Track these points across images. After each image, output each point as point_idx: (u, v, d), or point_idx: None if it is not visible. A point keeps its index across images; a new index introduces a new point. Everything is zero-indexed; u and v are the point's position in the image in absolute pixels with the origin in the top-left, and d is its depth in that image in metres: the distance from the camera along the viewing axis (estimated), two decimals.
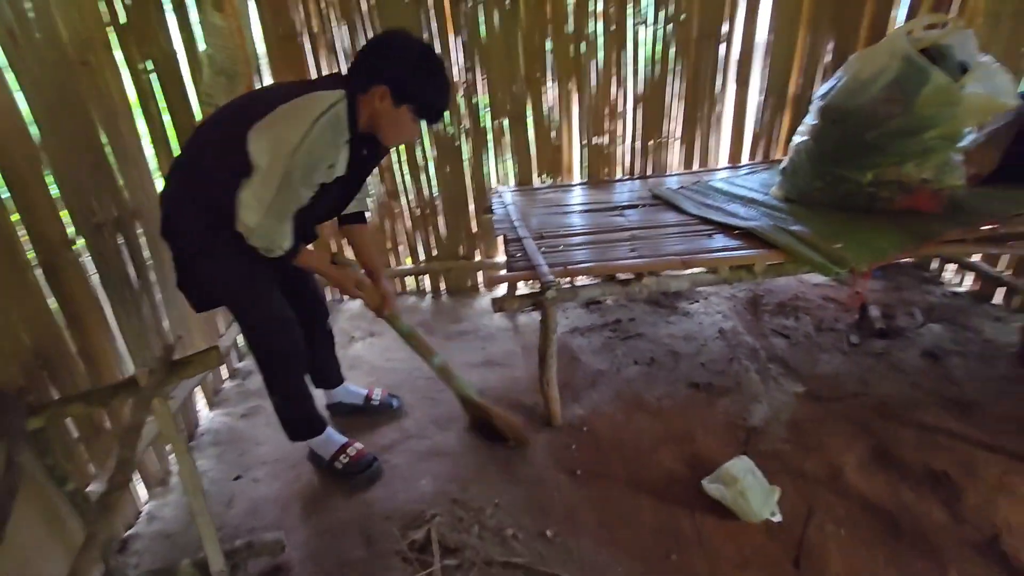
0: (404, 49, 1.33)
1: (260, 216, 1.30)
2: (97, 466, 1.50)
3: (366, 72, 1.34)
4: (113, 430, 1.59)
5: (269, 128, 1.27)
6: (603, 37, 2.52)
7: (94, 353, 1.52)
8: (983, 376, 2.00)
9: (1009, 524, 1.46)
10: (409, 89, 1.33)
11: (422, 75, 1.34)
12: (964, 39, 1.81)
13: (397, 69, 1.32)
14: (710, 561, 1.42)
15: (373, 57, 1.34)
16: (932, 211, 1.87)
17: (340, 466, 1.71)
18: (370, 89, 1.33)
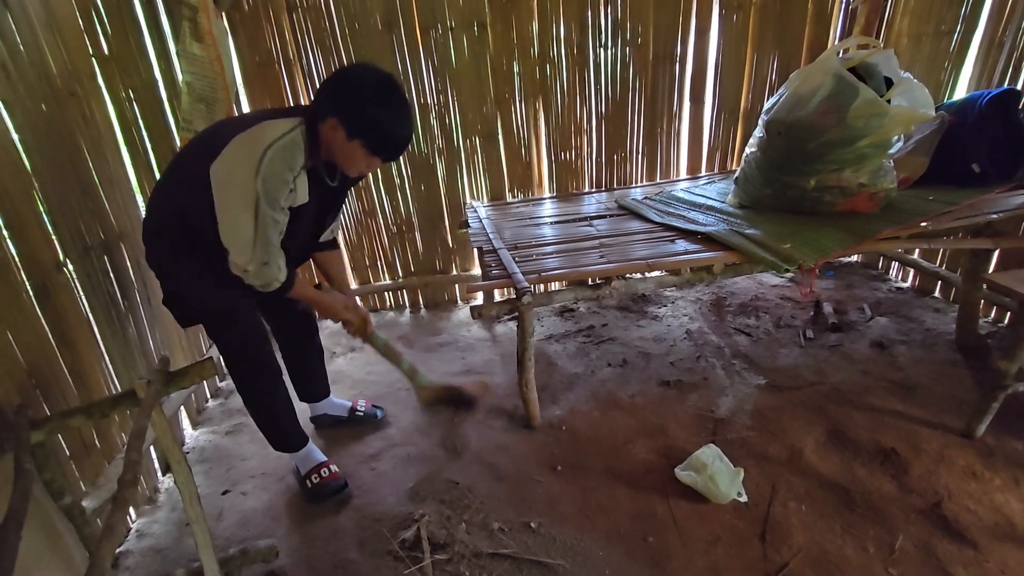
0: (359, 81, 1.30)
1: (249, 254, 1.33)
2: (87, 484, 1.52)
3: (322, 102, 1.34)
4: (102, 449, 1.61)
5: (226, 163, 1.29)
6: (567, 60, 2.69)
7: (84, 372, 1.55)
8: (925, 361, 2.18)
9: (950, 491, 1.60)
10: (360, 122, 1.31)
11: (374, 109, 1.30)
12: (887, 58, 2.02)
13: (349, 102, 1.30)
14: (684, 541, 1.52)
15: (328, 88, 1.34)
16: (869, 212, 2.05)
17: (310, 484, 1.75)
18: (326, 120, 1.33)
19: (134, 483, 0.94)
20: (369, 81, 1.31)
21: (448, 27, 2.53)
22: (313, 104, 1.38)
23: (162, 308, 1.96)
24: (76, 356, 1.52)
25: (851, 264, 3.06)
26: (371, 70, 1.34)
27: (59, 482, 1.25)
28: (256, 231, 1.31)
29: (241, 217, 1.30)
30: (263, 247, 1.34)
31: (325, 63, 2.51)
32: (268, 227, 1.33)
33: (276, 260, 1.40)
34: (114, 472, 1.57)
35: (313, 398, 2.05)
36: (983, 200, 2.04)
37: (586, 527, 1.59)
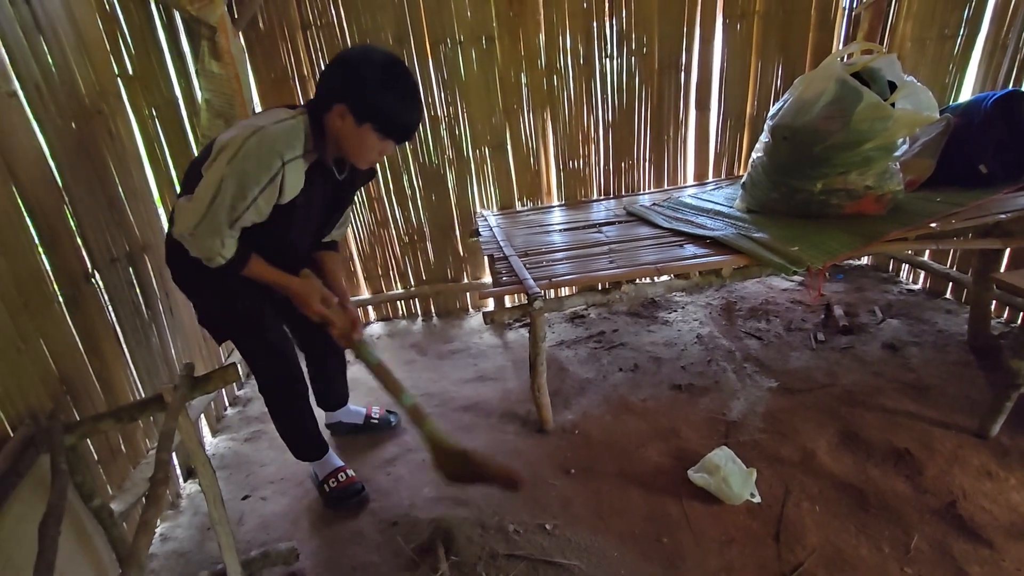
0: (364, 63, 1.24)
1: (191, 225, 1.26)
2: (114, 487, 1.57)
3: (326, 90, 1.27)
4: (128, 453, 1.66)
5: (218, 146, 1.27)
6: (573, 70, 2.74)
7: (110, 379, 1.60)
8: (937, 362, 2.18)
9: (964, 491, 1.60)
10: (369, 105, 1.24)
11: (383, 89, 1.23)
12: (890, 62, 2.05)
13: (356, 85, 1.23)
14: (698, 541, 1.53)
15: (331, 74, 1.27)
16: (877, 214, 2.07)
17: (328, 489, 1.78)
18: (331, 107, 1.26)
19: (165, 481, 0.98)
20: (375, 61, 1.25)
21: (457, 41, 2.59)
22: (316, 95, 1.32)
23: (184, 317, 2.03)
24: (103, 363, 1.57)
25: (861, 267, 3.07)
26: (373, 50, 1.28)
27: (89, 485, 1.29)
28: (208, 207, 1.24)
29: (204, 189, 1.25)
30: (209, 223, 1.26)
31: None
32: (221, 210, 1.25)
33: (221, 237, 1.29)
34: (140, 476, 1.61)
35: (331, 406, 2.08)
36: (991, 201, 2.05)
37: (600, 528, 1.60)
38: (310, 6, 2.47)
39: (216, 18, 2.12)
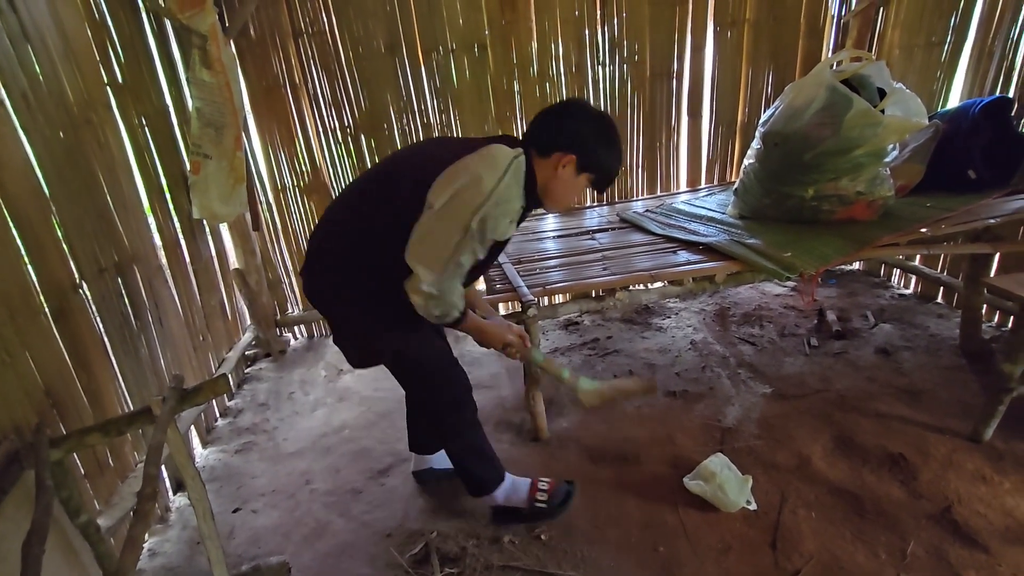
0: (590, 120, 1.33)
1: (434, 282, 1.24)
2: (101, 502, 1.54)
3: (550, 137, 1.31)
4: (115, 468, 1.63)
5: (452, 181, 1.21)
6: (566, 78, 2.75)
7: (98, 391, 1.58)
8: (930, 367, 2.19)
9: (959, 495, 1.60)
10: (596, 159, 1.33)
11: (608, 145, 1.34)
12: (879, 69, 2.07)
13: (585, 139, 1.31)
14: (695, 549, 1.52)
15: (559, 124, 1.32)
16: (868, 219, 2.08)
17: (543, 504, 1.60)
18: (552, 154, 1.31)
19: (154, 496, 0.96)
20: (598, 116, 1.35)
21: (449, 49, 2.60)
22: (532, 138, 1.33)
23: (173, 328, 2.01)
24: (91, 376, 1.55)
25: (853, 272, 3.08)
26: (592, 108, 1.38)
27: (76, 500, 1.26)
28: (453, 253, 1.23)
29: (449, 231, 1.22)
30: (453, 271, 1.26)
31: (330, 86, 2.58)
32: (467, 256, 1.26)
33: (459, 288, 1.31)
34: (128, 490, 1.58)
35: (430, 448, 1.82)
36: (980, 205, 2.07)
37: (596, 538, 1.59)
38: (301, 14, 2.46)
39: (207, 26, 2.11)
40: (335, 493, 1.87)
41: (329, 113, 2.62)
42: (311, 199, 2.75)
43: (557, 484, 1.65)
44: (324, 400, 2.42)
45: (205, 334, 2.31)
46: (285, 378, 2.64)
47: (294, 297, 2.96)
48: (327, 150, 2.68)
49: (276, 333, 2.89)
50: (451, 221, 1.22)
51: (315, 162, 2.70)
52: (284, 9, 2.45)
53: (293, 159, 2.68)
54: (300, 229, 2.81)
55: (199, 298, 2.29)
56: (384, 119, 2.66)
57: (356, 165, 2.72)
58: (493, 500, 1.62)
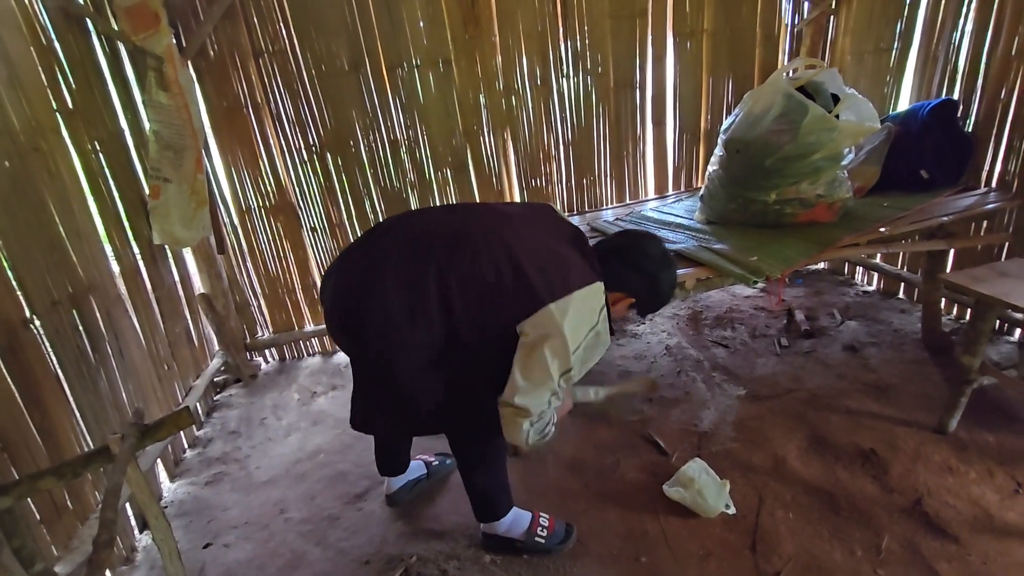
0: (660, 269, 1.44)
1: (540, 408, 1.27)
2: (60, 547, 1.46)
3: (620, 278, 1.40)
4: (75, 510, 1.56)
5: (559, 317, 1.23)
6: (531, 91, 2.77)
7: (53, 430, 1.50)
8: (895, 361, 2.25)
9: (929, 487, 1.64)
10: (649, 303, 1.49)
11: (662, 294, 1.48)
12: (832, 76, 2.13)
13: (644, 287, 1.43)
14: (676, 557, 1.52)
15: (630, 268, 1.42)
16: (829, 221, 2.13)
17: (542, 540, 1.57)
18: (616, 291, 1.41)
19: (110, 544, 0.91)
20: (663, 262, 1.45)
21: (414, 65, 2.59)
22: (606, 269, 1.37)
23: (135, 359, 1.94)
24: (44, 414, 1.48)
25: (819, 272, 3.16)
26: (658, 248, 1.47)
27: (29, 548, 1.20)
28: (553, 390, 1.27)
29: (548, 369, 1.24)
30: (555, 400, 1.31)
31: (293, 105, 2.54)
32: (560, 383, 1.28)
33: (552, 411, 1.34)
34: (88, 533, 1.51)
35: (401, 469, 1.82)
36: (933, 204, 2.15)
37: (578, 552, 1.57)
38: (261, 33, 2.43)
39: (162, 48, 2.07)
40: (311, 521, 1.82)
41: (293, 132, 2.59)
42: (277, 220, 2.70)
43: (557, 523, 1.61)
44: (298, 424, 2.36)
45: (170, 363, 2.23)
46: (257, 404, 2.57)
47: (263, 320, 2.89)
48: (292, 170, 2.64)
49: (246, 357, 2.82)
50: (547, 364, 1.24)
51: (280, 182, 2.65)
52: (243, 28, 2.41)
53: (258, 180, 2.62)
54: (267, 250, 2.75)
55: (163, 326, 2.21)
56: (350, 136, 2.63)
57: (323, 184, 2.68)
58: (494, 529, 1.58)
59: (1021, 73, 2.09)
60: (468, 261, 1.28)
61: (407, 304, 1.27)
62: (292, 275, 2.82)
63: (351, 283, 1.34)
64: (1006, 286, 1.63)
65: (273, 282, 2.81)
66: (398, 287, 1.28)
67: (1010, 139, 2.17)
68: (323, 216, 2.74)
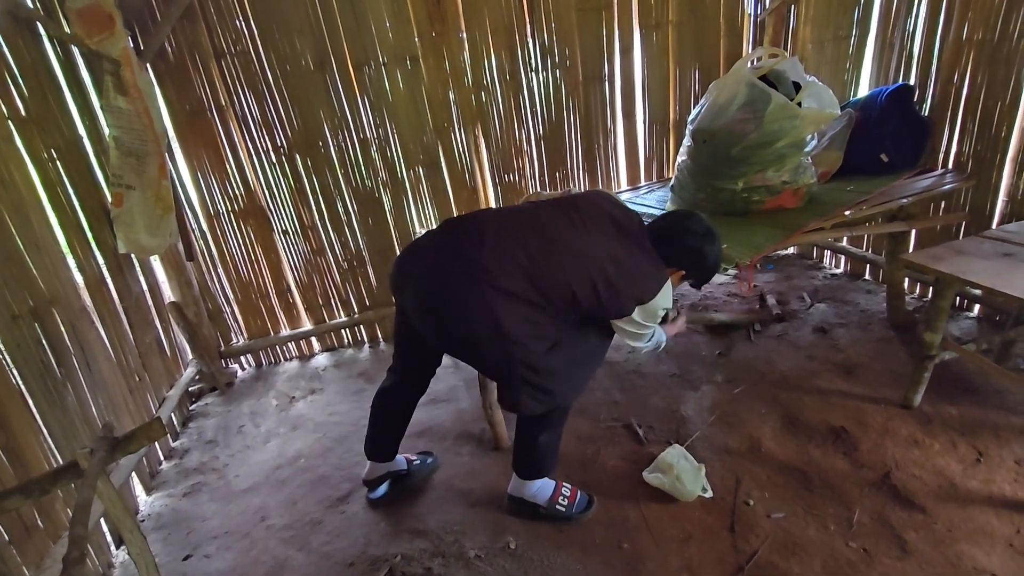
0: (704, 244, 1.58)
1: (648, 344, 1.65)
2: (31, 567, 1.43)
3: (671, 256, 1.57)
4: (46, 528, 1.52)
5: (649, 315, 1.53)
6: (501, 86, 2.76)
7: (19, 449, 1.46)
8: (863, 341, 2.31)
9: (896, 461, 1.70)
10: (701, 275, 1.65)
11: (712, 266, 1.63)
12: (793, 65, 2.17)
13: (696, 262, 1.60)
14: (657, 542, 1.55)
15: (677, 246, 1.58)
16: (795, 207, 2.18)
17: (563, 508, 1.66)
18: (669, 267, 1.58)
19: (81, 560, 0.90)
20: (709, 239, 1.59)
21: (380, 62, 2.56)
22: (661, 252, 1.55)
23: (104, 371, 1.90)
24: (9, 433, 1.44)
25: (788, 256, 3.23)
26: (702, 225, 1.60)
27: None
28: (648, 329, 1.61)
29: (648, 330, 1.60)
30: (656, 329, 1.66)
31: (259, 107, 2.50)
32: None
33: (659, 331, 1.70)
34: (60, 552, 1.47)
35: (388, 456, 1.84)
36: (894, 186, 2.22)
37: (562, 542, 1.59)
38: (222, 34, 2.38)
39: (118, 51, 2.01)
40: (293, 527, 1.80)
41: (260, 134, 2.54)
42: (247, 224, 2.66)
43: (579, 493, 1.70)
44: (276, 431, 2.33)
45: (141, 374, 2.18)
46: (234, 411, 2.53)
47: (238, 327, 2.84)
48: (261, 172, 2.60)
49: (221, 365, 2.77)
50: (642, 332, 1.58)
51: (249, 185, 2.60)
52: (203, 30, 2.36)
53: (225, 184, 2.57)
54: (238, 255, 2.70)
55: (132, 337, 2.16)
56: (319, 137, 2.59)
57: (293, 186, 2.65)
58: (521, 491, 1.68)
59: (971, 58, 2.17)
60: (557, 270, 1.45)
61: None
62: (265, 280, 2.78)
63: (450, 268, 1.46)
64: (963, 264, 1.69)
65: (246, 287, 2.76)
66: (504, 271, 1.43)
67: (963, 121, 2.25)
68: (294, 218, 2.70)
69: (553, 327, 1.48)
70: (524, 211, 1.61)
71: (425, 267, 1.51)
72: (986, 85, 2.14)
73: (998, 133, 2.13)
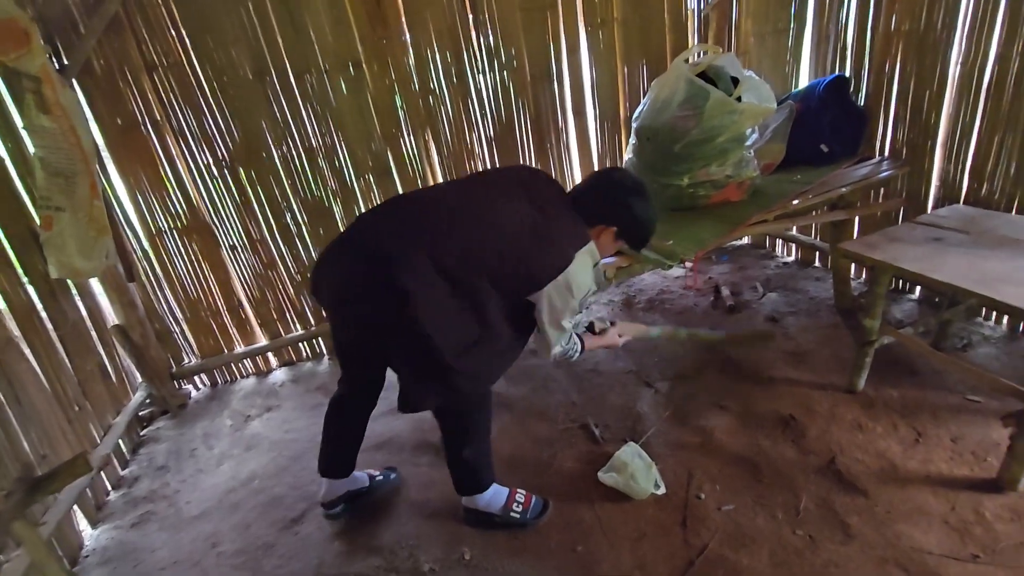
0: (636, 197, 1.54)
1: (562, 344, 1.57)
2: None
3: (596, 213, 1.54)
4: None
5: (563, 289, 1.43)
6: (448, 89, 2.73)
7: None
8: (812, 328, 2.37)
9: (841, 446, 1.74)
10: (633, 231, 1.58)
11: (647, 221, 1.57)
12: (731, 60, 2.20)
13: (624, 215, 1.54)
14: (611, 542, 1.56)
15: (599, 200, 1.55)
16: (740, 200, 2.22)
17: (517, 515, 1.64)
18: (596, 226, 1.53)
19: None
20: (637, 191, 1.55)
21: (323, 70, 2.51)
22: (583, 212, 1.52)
23: (37, 404, 1.82)
24: None
25: (743, 247, 3.29)
26: (628, 180, 1.58)
27: None
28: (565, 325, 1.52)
29: (565, 319, 1.50)
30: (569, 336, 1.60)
31: (196, 120, 2.42)
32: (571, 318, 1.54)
33: (573, 337, 1.64)
34: None
35: (344, 473, 1.79)
36: (834, 176, 2.27)
37: (517, 550, 1.59)
38: (152, 46, 2.29)
39: (37, 68, 1.91)
40: (245, 552, 1.76)
41: (199, 148, 2.46)
42: (192, 241, 2.58)
43: (533, 498, 1.69)
44: (230, 452, 2.27)
45: (82, 402, 2.10)
46: (187, 434, 2.45)
47: (189, 346, 2.76)
48: (203, 187, 2.52)
49: (173, 387, 2.69)
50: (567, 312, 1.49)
51: (191, 201, 2.52)
52: (132, 42, 2.27)
53: (165, 200, 2.49)
54: (185, 273, 2.62)
55: (69, 364, 2.08)
56: (262, 148, 2.53)
57: (238, 200, 2.57)
58: (474, 502, 1.66)
59: (901, 48, 2.23)
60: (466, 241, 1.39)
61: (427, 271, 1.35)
62: (215, 297, 2.70)
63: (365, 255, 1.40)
64: (895, 251, 1.74)
65: (195, 306, 2.68)
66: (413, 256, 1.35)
67: (897, 110, 2.31)
68: (242, 233, 2.63)
69: (463, 314, 1.38)
70: (431, 189, 1.61)
71: (336, 260, 1.46)
72: (915, 74, 2.20)
73: (928, 120, 2.20)
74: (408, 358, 1.39)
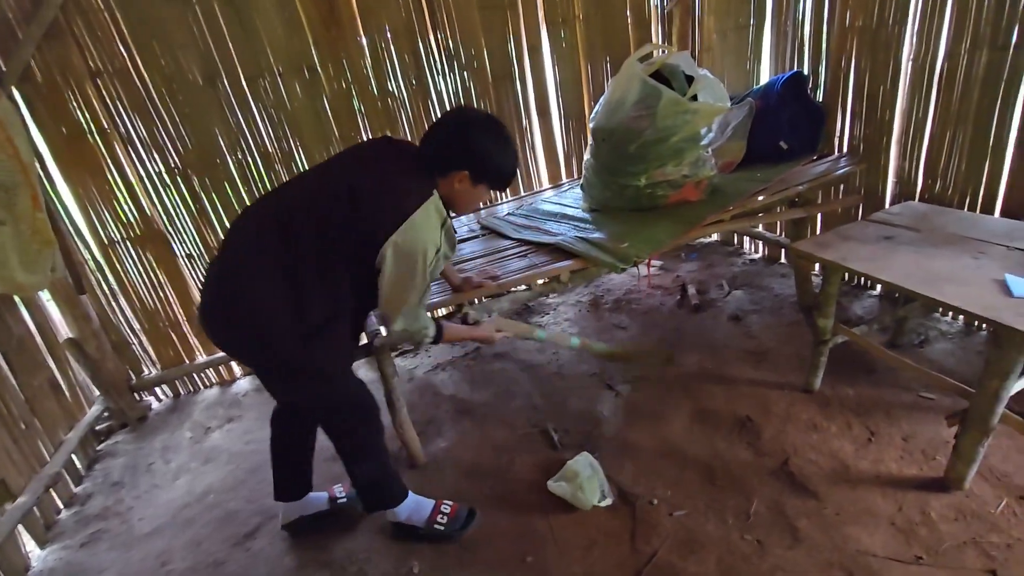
0: (478, 131, 1.40)
1: (408, 320, 1.45)
2: None
3: (442, 158, 1.42)
4: None
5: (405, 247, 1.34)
6: (407, 91, 2.69)
7: None
8: (774, 326, 2.36)
9: (795, 447, 1.74)
10: (488, 169, 1.43)
11: (497, 155, 1.43)
12: (685, 59, 2.18)
13: (474, 155, 1.40)
14: (561, 552, 1.54)
15: (447, 142, 1.41)
16: (698, 199, 2.20)
17: (442, 527, 1.62)
18: (448, 173, 1.41)
19: None
20: (487, 126, 1.42)
21: (276, 73, 2.46)
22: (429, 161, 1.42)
23: None
24: None
25: (711, 244, 3.28)
26: (476, 116, 1.46)
27: None
28: (419, 301, 1.44)
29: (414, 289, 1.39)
30: (418, 313, 1.47)
31: (146, 127, 2.36)
32: (425, 296, 1.46)
33: (425, 318, 1.52)
34: None
35: (297, 494, 1.74)
36: (792, 173, 2.26)
37: (467, 561, 1.57)
38: (96, 52, 2.23)
39: None
40: (195, 570, 1.72)
41: (150, 156, 2.40)
42: (146, 250, 2.52)
43: (459, 508, 1.67)
44: (188, 466, 2.23)
45: (29, 420, 2.05)
46: (145, 448, 2.41)
47: (149, 357, 2.71)
48: (155, 195, 2.46)
49: (133, 399, 2.64)
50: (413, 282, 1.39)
51: (144, 210, 2.46)
52: (74, 48, 2.20)
53: (116, 210, 2.43)
54: (140, 284, 2.57)
55: (15, 381, 2.02)
56: (215, 155, 2.47)
57: (193, 207, 2.52)
58: (395, 516, 1.64)
59: (855, 44, 2.22)
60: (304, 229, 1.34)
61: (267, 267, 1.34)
62: (173, 307, 2.65)
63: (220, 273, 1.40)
64: (845, 250, 1.73)
65: (152, 316, 2.62)
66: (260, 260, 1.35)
67: (853, 106, 2.31)
68: (198, 241, 2.58)
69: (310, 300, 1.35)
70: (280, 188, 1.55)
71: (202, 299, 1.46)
72: (870, 70, 2.19)
73: (883, 116, 2.20)
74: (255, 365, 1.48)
